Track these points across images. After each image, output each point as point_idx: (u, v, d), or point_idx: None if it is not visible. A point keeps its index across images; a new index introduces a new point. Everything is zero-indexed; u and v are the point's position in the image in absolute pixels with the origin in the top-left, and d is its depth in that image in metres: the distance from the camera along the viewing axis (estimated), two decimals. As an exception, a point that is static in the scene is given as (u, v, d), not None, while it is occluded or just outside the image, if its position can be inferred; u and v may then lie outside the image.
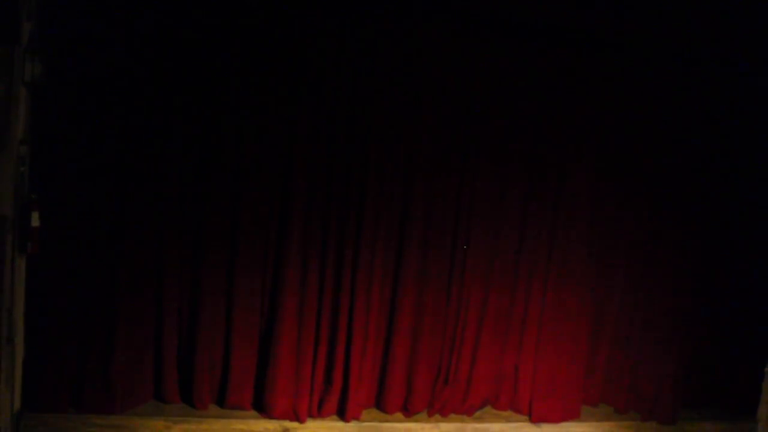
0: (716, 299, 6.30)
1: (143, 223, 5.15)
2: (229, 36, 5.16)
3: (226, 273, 5.33)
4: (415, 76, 5.51)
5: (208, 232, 5.28)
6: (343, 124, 5.41)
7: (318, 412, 5.58)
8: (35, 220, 4.68)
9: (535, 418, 5.98)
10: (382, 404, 5.78)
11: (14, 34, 4.33)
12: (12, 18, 4.29)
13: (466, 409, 5.92)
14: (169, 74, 5.07)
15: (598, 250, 6.06)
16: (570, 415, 6.07)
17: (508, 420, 5.98)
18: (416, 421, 5.77)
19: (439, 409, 5.84)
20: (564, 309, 5.97)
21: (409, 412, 5.78)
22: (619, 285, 6.15)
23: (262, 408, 5.49)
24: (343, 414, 5.59)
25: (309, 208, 5.42)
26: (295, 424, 5.47)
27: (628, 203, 6.07)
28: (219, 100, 5.19)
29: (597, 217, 6.02)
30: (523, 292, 5.94)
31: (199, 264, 5.30)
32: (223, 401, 5.46)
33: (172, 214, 5.20)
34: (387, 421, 5.71)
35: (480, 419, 5.94)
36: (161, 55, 5.04)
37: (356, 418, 5.61)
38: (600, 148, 5.96)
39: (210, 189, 5.26)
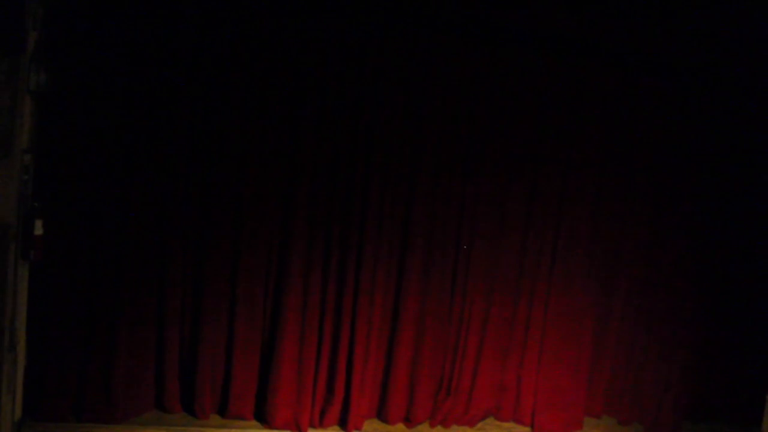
0: (720, 310, 6.28)
1: (146, 232, 5.16)
2: (235, 43, 5.18)
3: (228, 281, 5.33)
4: (418, 82, 5.53)
5: (211, 241, 5.28)
6: (346, 127, 5.41)
7: (320, 422, 5.57)
8: (38, 229, 4.69)
9: (537, 429, 5.96)
10: (384, 415, 5.76)
11: (20, 44, 4.36)
12: (18, 27, 4.32)
13: (468, 420, 5.90)
14: (174, 84, 5.09)
15: (600, 260, 6.06)
16: (572, 426, 6.04)
17: (510, 431, 5.95)
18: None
19: (441, 420, 5.83)
20: (566, 319, 5.96)
21: (411, 422, 5.77)
22: (621, 296, 6.15)
23: (264, 418, 5.47)
24: (345, 424, 5.56)
25: (312, 218, 5.43)
26: (297, 435, 5.47)
27: (629, 210, 6.06)
28: (223, 110, 5.21)
29: (598, 224, 6.02)
30: (525, 303, 5.93)
31: (202, 272, 5.30)
32: (225, 411, 5.45)
33: (175, 224, 5.21)
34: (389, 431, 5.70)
35: (482, 430, 5.92)
36: (166, 65, 5.06)
37: (358, 428, 5.59)
38: (602, 153, 5.97)
39: (213, 200, 5.26)
